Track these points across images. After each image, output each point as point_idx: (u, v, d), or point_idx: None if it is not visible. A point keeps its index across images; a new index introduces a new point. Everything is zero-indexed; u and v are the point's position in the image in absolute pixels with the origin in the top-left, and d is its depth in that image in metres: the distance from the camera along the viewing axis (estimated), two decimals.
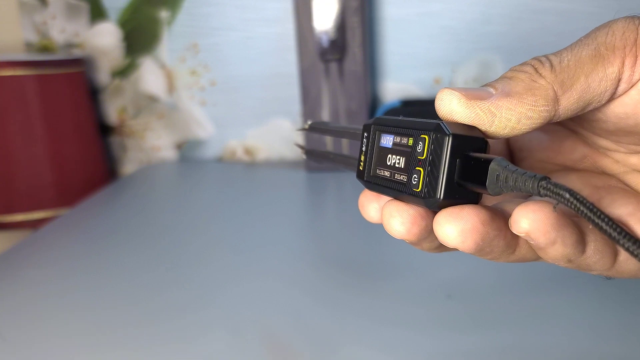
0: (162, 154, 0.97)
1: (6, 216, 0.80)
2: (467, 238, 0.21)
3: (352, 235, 0.58)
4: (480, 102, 0.21)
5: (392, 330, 0.40)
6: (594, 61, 0.21)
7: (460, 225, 0.21)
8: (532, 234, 0.20)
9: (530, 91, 0.21)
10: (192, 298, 0.46)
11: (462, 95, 0.21)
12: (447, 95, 0.22)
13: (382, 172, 0.25)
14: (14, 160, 0.79)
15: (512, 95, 0.21)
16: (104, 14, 0.92)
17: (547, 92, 0.21)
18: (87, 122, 0.87)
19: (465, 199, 0.22)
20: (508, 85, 0.22)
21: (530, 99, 0.21)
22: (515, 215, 0.20)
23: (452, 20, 0.83)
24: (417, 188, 0.22)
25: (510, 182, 0.20)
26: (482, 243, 0.22)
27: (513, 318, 0.41)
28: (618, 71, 0.21)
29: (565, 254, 0.21)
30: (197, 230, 0.62)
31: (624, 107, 0.22)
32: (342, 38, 0.79)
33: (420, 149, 0.22)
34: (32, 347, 0.40)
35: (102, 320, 0.43)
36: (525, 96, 0.21)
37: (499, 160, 0.21)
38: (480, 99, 0.21)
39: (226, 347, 0.39)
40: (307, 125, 0.33)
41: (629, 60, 0.21)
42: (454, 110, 0.21)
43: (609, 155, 0.26)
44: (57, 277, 0.51)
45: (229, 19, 0.89)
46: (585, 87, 0.21)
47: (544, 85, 0.21)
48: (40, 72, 0.80)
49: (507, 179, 0.20)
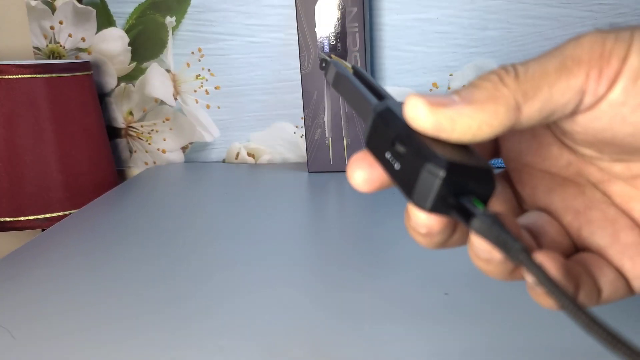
0: (167, 156, 0.98)
1: (16, 217, 0.81)
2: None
3: (352, 235, 0.59)
4: (442, 109, 0.22)
5: (392, 329, 0.41)
6: (559, 73, 0.22)
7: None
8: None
9: (492, 99, 0.22)
10: (197, 296, 0.47)
11: (426, 102, 0.22)
12: (412, 101, 0.22)
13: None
14: (23, 162, 0.81)
15: (474, 102, 0.22)
16: (110, 19, 0.94)
17: (508, 101, 0.22)
18: (95, 124, 0.88)
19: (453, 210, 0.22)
20: (471, 94, 0.22)
21: (491, 107, 0.22)
22: None
23: (449, 26, 0.84)
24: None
25: (492, 238, 0.21)
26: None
27: (511, 316, 0.41)
28: (582, 83, 0.22)
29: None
30: (202, 230, 0.62)
31: (599, 122, 0.22)
32: (343, 43, 0.80)
33: None
34: (40, 344, 0.41)
35: (110, 318, 0.44)
36: (487, 104, 0.22)
37: (482, 219, 0.21)
38: (442, 106, 0.22)
39: (231, 344, 0.40)
40: (350, 68, 0.31)
41: (593, 73, 0.21)
42: (417, 117, 0.22)
43: (594, 163, 0.26)
44: (65, 276, 0.52)
45: (233, 25, 0.90)
46: (548, 97, 0.22)
47: (506, 94, 0.22)
48: (49, 75, 0.81)
49: (489, 233, 0.21)
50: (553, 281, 0.20)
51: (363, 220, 0.63)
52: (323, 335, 0.40)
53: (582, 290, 0.23)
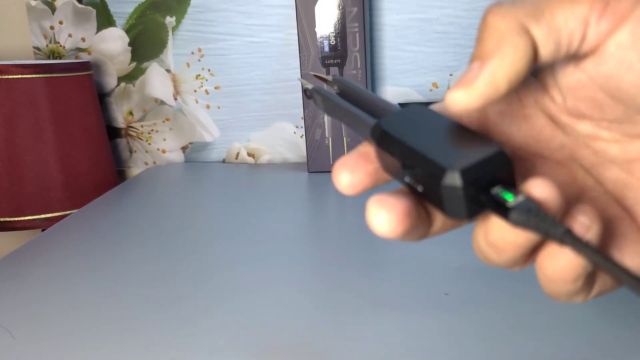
0: (167, 155, 0.98)
1: (16, 217, 0.81)
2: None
3: (352, 235, 0.59)
4: (476, 82, 0.21)
5: (392, 329, 0.41)
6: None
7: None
8: (593, 227, 0.21)
9: (502, 39, 0.21)
10: (197, 297, 0.47)
11: (461, 87, 0.22)
12: (451, 96, 0.22)
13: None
14: (23, 162, 0.81)
15: (492, 54, 0.21)
16: (110, 19, 0.94)
17: (515, 29, 0.21)
18: (95, 124, 0.88)
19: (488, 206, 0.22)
20: (483, 48, 0.22)
21: (507, 45, 0.21)
22: (584, 209, 0.22)
23: (449, 26, 0.84)
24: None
25: (532, 227, 0.21)
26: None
27: (511, 316, 0.41)
28: (585, 13, 0.21)
29: (587, 271, 0.22)
30: (202, 230, 0.62)
31: (605, 66, 0.22)
32: (343, 43, 0.80)
33: None
34: (40, 344, 0.41)
35: (109, 318, 0.44)
36: (502, 47, 0.21)
37: (519, 212, 0.21)
38: (475, 79, 0.21)
39: (230, 344, 0.40)
40: (329, 78, 0.30)
41: (597, 5, 0.21)
42: (466, 104, 0.22)
43: (589, 146, 0.25)
44: (65, 276, 0.52)
45: (233, 25, 0.90)
46: (551, 23, 0.21)
47: (508, 24, 0.21)
48: (48, 75, 0.81)
49: (530, 222, 0.20)
50: (608, 257, 0.20)
51: (363, 220, 0.63)
52: (323, 335, 0.40)
53: (588, 279, 0.23)
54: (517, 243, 0.22)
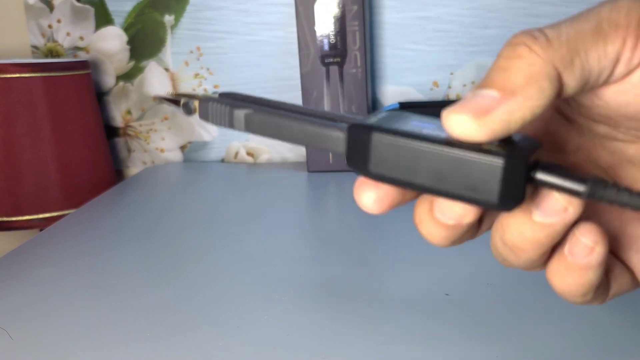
0: (166, 155, 0.98)
1: (13, 217, 0.81)
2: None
3: (352, 235, 0.59)
4: (489, 115, 0.20)
5: (392, 329, 0.40)
6: (595, 37, 0.20)
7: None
8: (598, 247, 0.21)
9: (532, 79, 0.20)
10: (195, 296, 0.47)
11: (471, 114, 0.20)
12: (455, 118, 0.20)
13: (410, 128, 0.22)
14: (20, 162, 0.80)
15: (516, 91, 0.20)
16: (109, 17, 0.93)
17: (548, 72, 0.20)
18: (93, 124, 0.88)
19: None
20: (507, 81, 0.20)
21: (535, 88, 0.20)
22: (587, 228, 0.21)
23: (450, 24, 0.84)
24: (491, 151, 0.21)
25: (612, 197, 0.20)
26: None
27: (512, 317, 0.41)
28: (618, 51, 0.20)
29: (595, 283, 0.22)
30: (201, 230, 0.62)
31: (625, 95, 0.21)
32: (343, 42, 0.80)
33: None
34: (38, 345, 0.41)
35: (108, 319, 0.44)
36: (529, 87, 0.20)
37: (597, 176, 0.20)
38: (488, 112, 0.20)
39: (230, 345, 0.39)
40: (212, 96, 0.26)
41: (630, 41, 0.20)
42: (468, 133, 0.20)
43: (605, 146, 0.25)
44: (63, 276, 0.52)
45: (232, 23, 0.90)
46: (584, 63, 0.20)
47: (543, 66, 0.20)
48: (46, 74, 0.81)
49: (610, 193, 0.20)
50: None
51: (363, 220, 0.63)
52: (323, 335, 0.40)
53: (601, 283, 0.23)
54: (536, 240, 0.22)
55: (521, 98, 0.20)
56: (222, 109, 0.25)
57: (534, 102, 0.20)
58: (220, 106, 0.25)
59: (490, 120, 0.20)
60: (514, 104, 0.20)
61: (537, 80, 0.20)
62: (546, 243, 0.22)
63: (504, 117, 0.20)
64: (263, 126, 0.24)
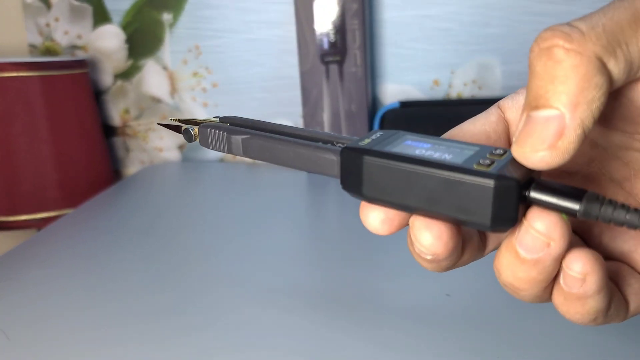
0: (164, 154, 0.98)
1: (11, 216, 0.80)
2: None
3: (352, 235, 0.59)
4: (565, 137, 0.19)
5: (392, 330, 0.40)
6: (634, 27, 0.19)
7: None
8: (589, 277, 0.20)
9: (585, 80, 0.18)
10: (193, 296, 0.46)
11: (548, 146, 0.19)
12: (535, 157, 0.19)
13: (404, 152, 0.22)
14: (18, 161, 0.80)
15: (578, 101, 0.18)
16: (107, 16, 0.93)
17: (597, 66, 0.18)
18: (90, 123, 0.88)
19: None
20: (563, 94, 0.19)
21: (591, 89, 0.18)
22: (574, 258, 0.20)
23: (450, 23, 0.84)
24: (487, 167, 0.20)
25: (608, 213, 0.19)
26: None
27: (512, 317, 0.41)
28: None
29: (600, 308, 0.21)
30: (199, 231, 0.62)
31: None
32: (342, 40, 0.79)
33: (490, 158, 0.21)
34: (35, 345, 0.40)
35: (105, 319, 0.44)
36: (587, 91, 0.18)
37: (592, 192, 0.20)
38: (562, 135, 0.19)
39: (229, 345, 0.39)
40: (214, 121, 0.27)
41: None
42: (553, 163, 0.19)
43: (619, 157, 0.24)
44: (60, 276, 0.52)
45: (231, 22, 0.90)
46: (626, 55, 0.19)
47: (588, 63, 0.18)
48: (44, 73, 0.80)
49: (606, 209, 0.19)
50: None
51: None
52: (323, 337, 0.40)
53: (612, 303, 0.22)
54: (530, 278, 0.21)
55: (584, 105, 0.19)
56: (220, 135, 0.26)
57: (597, 102, 0.19)
58: (218, 132, 0.26)
59: (566, 142, 0.19)
60: (580, 113, 0.19)
61: (589, 79, 0.18)
62: (542, 279, 0.21)
63: (579, 131, 0.19)
64: (260, 151, 0.25)
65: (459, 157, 0.21)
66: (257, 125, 0.26)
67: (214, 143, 0.26)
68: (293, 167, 0.24)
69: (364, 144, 0.22)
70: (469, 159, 0.21)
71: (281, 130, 0.25)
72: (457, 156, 0.21)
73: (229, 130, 0.26)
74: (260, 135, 0.25)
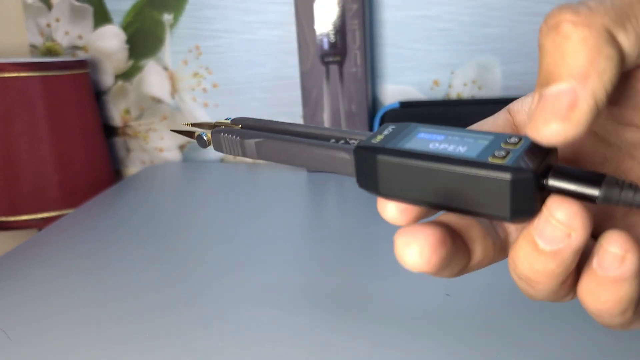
0: (165, 154, 0.98)
1: (11, 216, 0.80)
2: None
3: (352, 235, 0.59)
4: (577, 109, 0.19)
5: (392, 328, 0.40)
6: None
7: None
8: (629, 256, 0.19)
9: (594, 52, 0.18)
10: (194, 296, 0.46)
11: (559, 119, 0.19)
12: (547, 131, 0.19)
13: (418, 148, 0.22)
14: (19, 161, 0.80)
15: (588, 72, 0.18)
16: (107, 16, 0.93)
17: (606, 38, 0.18)
18: (91, 123, 0.88)
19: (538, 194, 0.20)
20: (573, 67, 0.18)
21: (602, 60, 0.18)
22: (613, 236, 0.20)
23: (450, 23, 0.84)
24: (503, 159, 0.20)
25: (630, 196, 0.19)
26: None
27: (513, 317, 0.41)
28: None
29: (634, 297, 0.20)
30: (200, 231, 0.62)
31: None
32: (342, 41, 0.79)
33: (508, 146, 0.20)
34: (36, 345, 0.40)
35: (106, 319, 0.44)
36: (597, 62, 0.18)
37: (611, 176, 0.19)
38: (574, 107, 0.19)
39: (228, 346, 0.39)
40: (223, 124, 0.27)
41: None
42: (566, 137, 0.19)
43: (635, 156, 0.23)
44: (61, 276, 0.52)
45: (231, 22, 0.90)
46: (636, 28, 0.18)
47: (597, 35, 0.18)
48: (45, 73, 0.80)
49: (626, 192, 0.19)
50: None
51: (363, 220, 0.63)
52: (323, 337, 0.40)
53: None
54: (548, 271, 0.20)
55: (595, 76, 0.18)
56: (233, 140, 0.26)
57: (608, 73, 0.18)
58: (231, 137, 0.26)
59: (579, 113, 0.19)
60: (591, 84, 0.18)
61: (599, 50, 0.18)
62: (560, 272, 0.20)
63: (590, 102, 0.18)
64: (274, 153, 0.25)
65: (473, 149, 0.21)
66: (270, 126, 0.26)
67: (228, 148, 0.26)
68: (308, 167, 0.24)
69: (376, 142, 0.22)
70: (483, 150, 0.21)
71: (294, 130, 0.25)
72: (471, 148, 0.21)
73: (242, 134, 0.26)
74: (274, 138, 0.25)
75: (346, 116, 0.81)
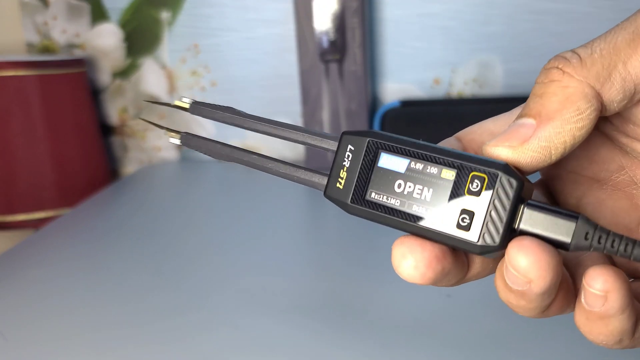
0: (162, 154, 0.97)
1: (8, 216, 0.80)
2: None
3: (351, 234, 0.59)
4: (528, 144, 0.20)
5: (392, 329, 0.40)
6: (632, 45, 0.19)
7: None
8: (611, 295, 0.19)
9: (568, 101, 0.19)
10: (190, 298, 0.46)
11: (509, 145, 0.20)
12: (496, 151, 0.20)
13: (383, 199, 0.23)
14: (15, 160, 0.80)
15: (553, 117, 0.19)
16: (105, 14, 0.92)
17: (584, 92, 0.19)
18: (88, 122, 0.88)
19: None
20: (542, 106, 0.20)
21: (572, 110, 0.19)
22: (594, 274, 0.19)
23: (451, 21, 0.84)
24: (468, 230, 0.20)
25: (602, 243, 0.19)
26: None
27: (512, 317, 0.41)
28: None
29: (625, 329, 0.20)
30: (197, 231, 0.62)
31: None
32: (342, 39, 0.79)
33: (475, 188, 0.20)
34: (32, 346, 0.40)
35: (103, 320, 0.43)
36: (566, 111, 0.19)
37: (585, 219, 0.20)
38: (526, 141, 0.20)
39: (228, 346, 0.39)
40: (184, 103, 0.28)
41: None
42: (508, 158, 0.20)
43: None
44: (58, 276, 0.51)
45: (230, 20, 0.89)
46: (625, 75, 0.19)
47: (577, 86, 0.19)
48: (41, 72, 0.80)
49: (600, 239, 0.19)
50: None
51: (363, 221, 0.62)
52: (323, 340, 0.39)
53: (639, 325, 0.21)
54: (522, 305, 0.21)
55: (559, 122, 0.19)
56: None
57: (574, 124, 0.19)
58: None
59: (528, 149, 0.20)
60: (551, 129, 0.20)
61: (573, 101, 0.19)
62: (535, 307, 0.21)
63: (543, 143, 0.20)
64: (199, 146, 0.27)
65: (436, 197, 0.21)
66: (227, 120, 0.27)
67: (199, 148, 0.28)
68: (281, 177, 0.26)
69: (340, 187, 0.25)
70: (448, 203, 0.21)
71: (255, 128, 0.27)
72: (435, 195, 0.21)
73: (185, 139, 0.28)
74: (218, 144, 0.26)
75: (346, 115, 0.81)
